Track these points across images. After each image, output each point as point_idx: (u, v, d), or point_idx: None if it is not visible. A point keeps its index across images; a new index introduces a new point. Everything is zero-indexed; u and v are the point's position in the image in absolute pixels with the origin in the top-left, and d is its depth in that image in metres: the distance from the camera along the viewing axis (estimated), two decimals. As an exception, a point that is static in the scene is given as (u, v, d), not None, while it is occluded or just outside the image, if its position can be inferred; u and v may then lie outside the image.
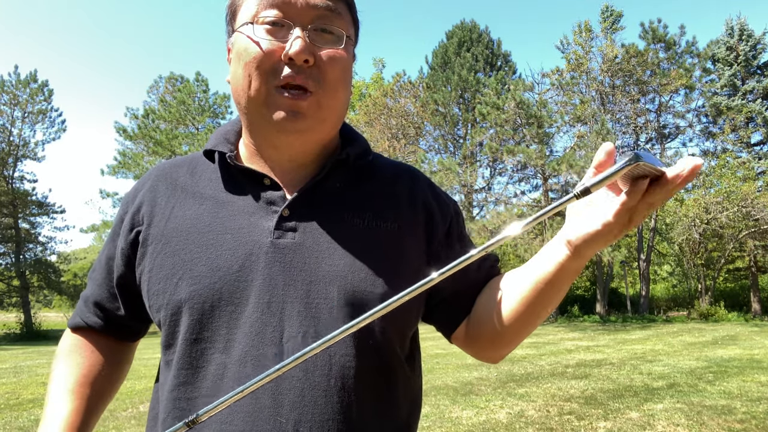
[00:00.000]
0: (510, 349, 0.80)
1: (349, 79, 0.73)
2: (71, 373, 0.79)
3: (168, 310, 0.68)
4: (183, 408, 0.65)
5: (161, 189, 0.78)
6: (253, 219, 0.71)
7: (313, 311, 0.66)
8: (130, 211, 0.78)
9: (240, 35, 0.69)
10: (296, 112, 0.67)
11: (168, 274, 0.69)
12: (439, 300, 0.81)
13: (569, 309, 19.55)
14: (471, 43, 24.73)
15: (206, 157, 0.79)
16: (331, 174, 0.75)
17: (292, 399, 0.63)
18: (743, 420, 4.35)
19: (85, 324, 0.82)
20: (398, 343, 0.73)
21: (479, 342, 0.80)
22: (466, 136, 23.73)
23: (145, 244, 0.73)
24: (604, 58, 18.71)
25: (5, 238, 24.14)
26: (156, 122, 26.53)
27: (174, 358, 0.68)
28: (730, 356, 8.30)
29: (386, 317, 0.68)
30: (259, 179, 0.74)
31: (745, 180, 17.60)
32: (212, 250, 0.69)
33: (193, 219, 0.72)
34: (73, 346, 0.83)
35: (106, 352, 0.83)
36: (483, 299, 0.80)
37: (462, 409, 4.99)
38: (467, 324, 0.81)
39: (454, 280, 0.79)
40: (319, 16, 0.68)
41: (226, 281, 0.67)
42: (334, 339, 0.52)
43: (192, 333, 0.66)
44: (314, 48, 0.68)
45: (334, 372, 0.65)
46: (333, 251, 0.70)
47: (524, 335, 0.76)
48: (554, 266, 0.65)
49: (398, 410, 0.72)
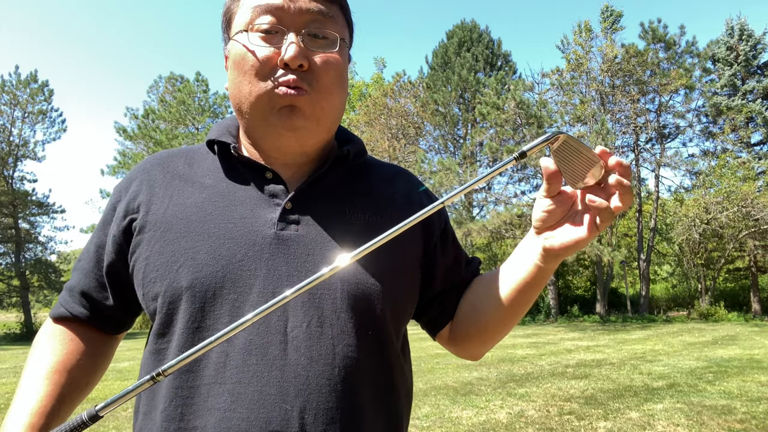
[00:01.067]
0: (490, 347, 0.85)
1: (344, 82, 0.75)
2: (47, 360, 0.77)
3: (166, 298, 0.68)
4: (185, 396, 0.65)
5: (158, 178, 0.77)
6: (256, 210, 0.72)
7: (317, 302, 0.68)
8: (125, 200, 0.77)
9: (235, 43, 0.70)
10: (293, 107, 0.69)
11: (168, 261, 0.69)
12: (432, 297, 0.84)
13: (569, 309, 19.55)
14: (471, 43, 24.72)
15: (208, 147, 0.80)
16: (332, 170, 0.77)
17: (297, 387, 0.64)
18: (743, 420, 4.35)
19: (69, 313, 0.80)
20: (395, 336, 0.75)
21: (462, 340, 0.84)
22: (466, 136, 23.72)
23: (142, 231, 0.73)
24: (604, 58, 18.70)
25: (5, 238, 24.14)
26: (156, 122, 26.55)
27: (170, 347, 0.68)
28: (730, 356, 8.30)
29: (387, 311, 0.72)
30: (262, 172, 0.75)
31: (745, 180, 17.59)
32: (215, 238, 0.69)
33: (194, 207, 0.72)
34: (53, 334, 0.80)
35: (87, 342, 0.80)
36: (467, 299, 0.84)
37: (462, 409, 4.99)
38: (452, 322, 0.85)
39: (447, 278, 0.84)
40: (312, 21, 0.69)
41: (229, 270, 0.67)
42: (315, 282, 0.55)
43: (194, 321, 0.66)
44: (308, 52, 0.69)
45: (337, 362, 0.66)
46: (335, 244, 0.71)
47: (506, 332, 0.82)
48: (537, 270, 0.72)
49: (395, 399, 0.74)
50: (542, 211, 0.68)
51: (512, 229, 17.68)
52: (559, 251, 0.67)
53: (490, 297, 0.78)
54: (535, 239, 0.71)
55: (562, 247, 0.67)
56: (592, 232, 0.64)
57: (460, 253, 0.87)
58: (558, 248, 0.67)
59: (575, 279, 23.85)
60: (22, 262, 24.45)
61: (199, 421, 0.63)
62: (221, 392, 0.64)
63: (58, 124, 25.96)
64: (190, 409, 0.64)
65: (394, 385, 0.74)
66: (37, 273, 24.94)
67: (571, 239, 0.66)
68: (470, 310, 0.82)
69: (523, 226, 17.57)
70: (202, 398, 0.64)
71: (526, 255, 0.73)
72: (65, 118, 26.08)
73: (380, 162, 0.88)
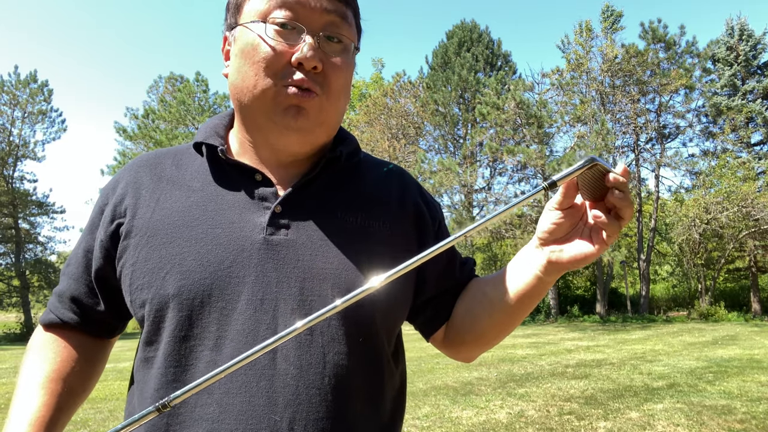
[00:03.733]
0: (485, 350, 0.83)
1: (350, 88, 0.74)
2: (42, 368, 0.75)
3: (153, 305, 0.66)
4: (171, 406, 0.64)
5: (145, 180, 0.75)
6: (245, 214, 0.70)
7: (307, 308, 0.66)
8: (111, 202, 0.75)
9: (247, 31, 0.68)
10: (301, 108, 0.68)
11: (154, 268, 0.67)
12: (426, 299, 0.82)
13: (569, 309, 19.54)
14: (471, 43, 24.71)
15: (195, 150, 0.78)
16: (323, 172, 0.75)
17: (286, 397, 0.62)
18: (743, 420, 4.35)
19: (59, 320, 0.78)
20: (387, 342, 0.74)
21: (457, 343, 0.83)
22: (466, 136, 23.71)
23: (128, 236, 0.71)
24: (604, 58, 18.70)
25: (5, 238, 24.14)
26: (156, 122, 26.53)
27: (157, 355, 0.66)
28: (730, 356, 8.30)
29: (378, 317, 0.70)
30: (251, 174, 0.73)
31: (745, 180, 17.58)
32: (202, 244, 0.67)
33: (181, 211, 0.70)
34: (45, 342, 0.78)
35: (80, 348, 0.79)
36: (464, 302, 0.82)
37: (462, 409, 4.99)
38: (447, 325, 0.83)
39: (441, 281, 0.82)
40: (330, 23, 0.69)
41: (217, 277, 0.65)
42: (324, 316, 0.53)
43: (180, 330, 0.65)
44: (323, 55, 0.68)
45: (328, 370, 0.65)
46: (326, 248, 0.70)
47: (502, 338, 0.80)
48: (537, 282, 0.71)
49: (384, 406, 0.73)
50: (551, 223, 0.66)
51: (512, 229, 17.69)
52: (567, 265, 0.66)
53: (487, 304, 0.77)
54: (538, 251, 0.69)
55: (571, 261, 0.65)
56: (601, 247, 0.64)
57: (454, 255, 0.85)
58: (566, 262, 0.66)
59: (575, 279, 23.84)
60: (22, 262, 24.45)
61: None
62: (209, 403, 0.62)
63: (58, 124, 25.97)
64: (176, 419, 0.63)
65: (384, 392, 0.72)
66: (37, 273, 24.93)
67: (581, 253, 0.64)
68: (466, 315, 0.80)
69: (523, 226, 17.58)
70: (188, 409, 0.62)
71: (528, 266, 0.71)
72: (65, 119, 26.11)
73: (374, 160, 0.86)
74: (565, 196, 0.64)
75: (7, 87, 24.08)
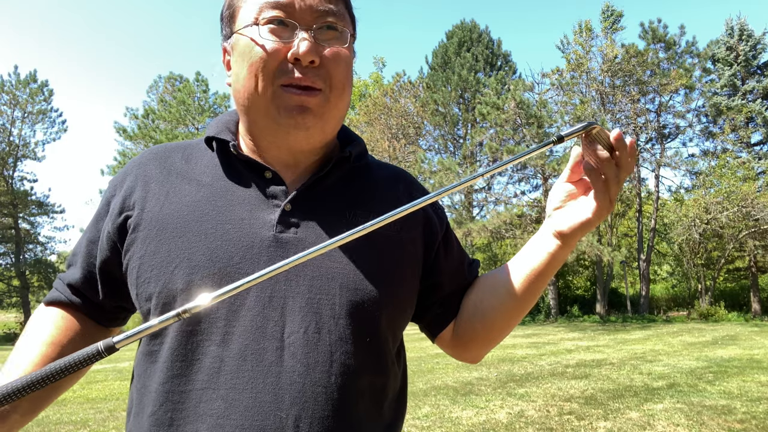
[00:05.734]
0: (492, 347, 0.85)
1: (352, 77, 0.74)
2: (42, 332, 0.75)
3: (160, 299, 0.66)
4: (176, 401, 0.63)
5: (154, 173, 0.75)
6: (255, 211, 0.70)
7: (315, 307, 0.66)
8: (120, 195, 0.75)
9: (242, 37, 0.69)
10: (305, 108, 0.67)
11: (162, 262, 0.67)
12: (434, 300, 0.82)
13: (569, 309, 19.55)
14: (471, 43, 24.72)
15: (207, 144, 0.78)
16: (333, 171, 0.75)
17: (293, 395, 0.62)
18: (743, 420, 4.35)
19: (64, 297, 0.78)
20: (392, 342, 0.74)
21: (466, 340, 0.83)
22: (466, 136, 23.72)
23: (136, 229, 0.70)
24: (604, 58, 18.70)
25: (5, 238, 24.16)
26: (156, 122, 26.56)
27: (162, 349, 0.66)
28: (730, 356, 8.30)
29: (385, 317, 0.71)
30: (261, 171, 0.73)
31: (745, 180, 17.59)
32: (212, 239, 0.67)
33: (191, 205, 0.70)
34: (45, 314, 0.78)
35: (80, 324, 0.78)
36: (471, 298, 0.83)
37: (462, 409, 4.99)
38: (454, 324, 0.84)
39: (451, 282, 0.83)
40: (323, 13, 0.68)
41: (226, 272, 0.65)
42: (330, 245, 0.54)
43: (188, 324, 0.64)
44: (319, 48, 0.68)
45: (334, 369, 0.65)
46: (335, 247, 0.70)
47: (510, 329, 0.82)
48: (546, 257, 0.73)
49: (387, 406, 0.73)
50: (565, 192, 0.72)
51: (512, 229, 17.69)
52: (579, 225, 0.69)
53: (498, 290, 0.78)
54: (547, 228, 0.73)
55: (582, 222, 0.69)
56: (606, 201, 0.67)
57: (463, 257, 0.86)
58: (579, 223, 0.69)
59: (575, 279, 23.85)
60: (22, 262, 24.46)
61: (189, 427, 0.62)
62: (214, 398, 0.62)
63: (58, 124, 26.01)
64: (180, 414, 0.63)
65: (388, 392, 0.73)
66: (37, 273, 24.95)
67: (590, 209, 0.68)
68: (475, 308, 0.81)
69: (523, 226, 17.58)
70: (193, 404, 0.63)
71: (538, 245, 0.74)
72: (65, 119, 26.16)
73: (381, 163, 0.86)
74: (573, 170, 0.70)
75: (7, 87, 24.11)
